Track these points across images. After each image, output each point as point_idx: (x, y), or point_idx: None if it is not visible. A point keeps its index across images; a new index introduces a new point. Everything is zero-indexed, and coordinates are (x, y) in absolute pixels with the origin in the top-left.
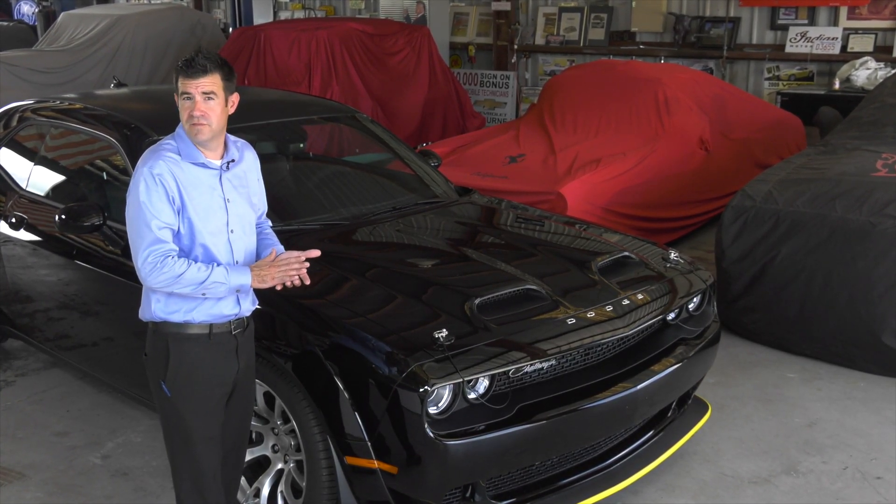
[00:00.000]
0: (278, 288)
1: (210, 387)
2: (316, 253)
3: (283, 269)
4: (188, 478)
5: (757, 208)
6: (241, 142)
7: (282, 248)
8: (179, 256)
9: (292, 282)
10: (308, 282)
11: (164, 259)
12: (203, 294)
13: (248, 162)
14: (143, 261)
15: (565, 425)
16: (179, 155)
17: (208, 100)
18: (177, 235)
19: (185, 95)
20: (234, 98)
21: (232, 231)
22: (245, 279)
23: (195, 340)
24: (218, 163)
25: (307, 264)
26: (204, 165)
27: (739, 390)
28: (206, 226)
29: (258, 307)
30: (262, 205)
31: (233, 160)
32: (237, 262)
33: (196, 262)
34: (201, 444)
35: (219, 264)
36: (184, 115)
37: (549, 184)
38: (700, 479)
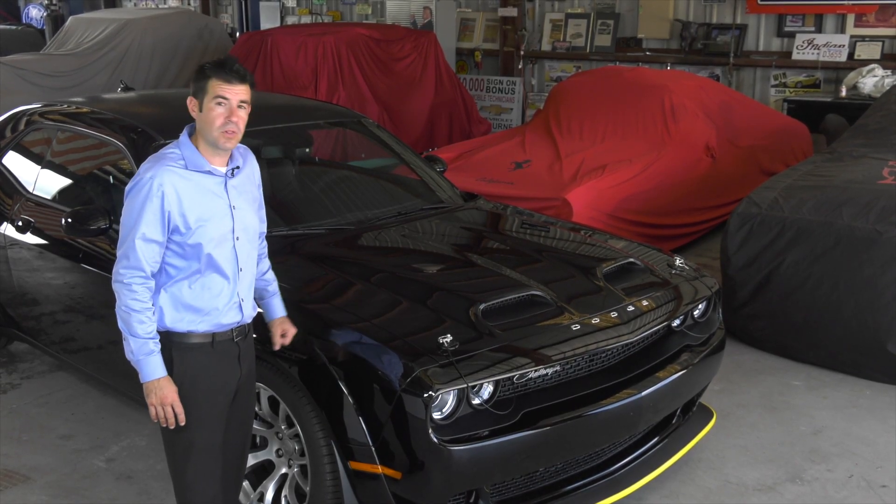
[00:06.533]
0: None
1: (213, 395)
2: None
3: (160, 413)
4: (189, 486)
5: (763, 215)
6: (242, 147)
7: (281, 306)
8: (191, 269)
9: (165, 419)
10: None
11: (131, 286)
12: (122, 331)
13: (251, 168)
14: (116, 270)
15: (569, 431)
16: (184, 163)
17: (241, 108)
18: (181, 245)
19: (220, 99)
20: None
21: (237, 238)
22: (145, 373)
23: (198, 349)
24: (223, 170)
25: (173, 425)
26: (210, 173)
27: (744, 398)
28: (211, 233)
29: (260, 311)
30: (262, 222)
31: (237, 167)
32: (241, 270)
33: (153, 313)
34: (203, 452)
35: (153, 339)
36: (216, 121)
37: (554, 190)
38: (705, 487)
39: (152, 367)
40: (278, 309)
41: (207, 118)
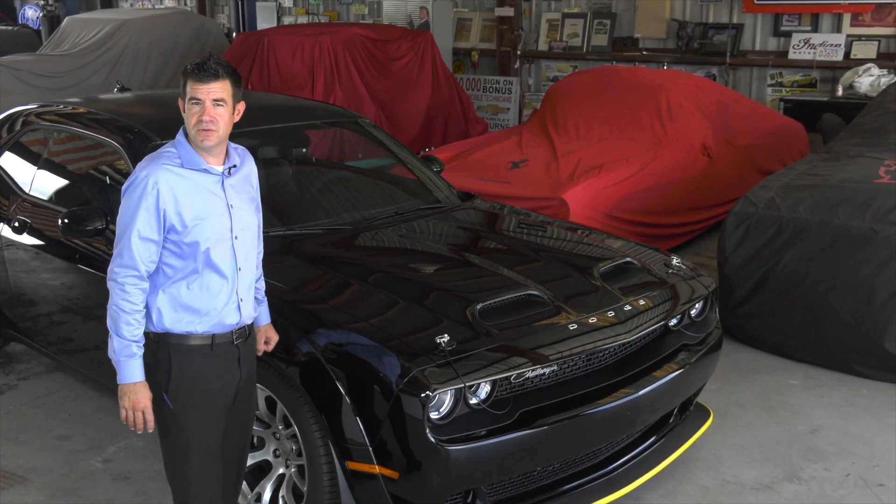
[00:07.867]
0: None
1: (212, 397)
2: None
3: (130, 417)
4: (187, 488)
5: (759, 215)
6: (240, 148)
7: (266, 314)
8: (188, 269)
9: (133, 423)
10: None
11: (124, 286)
12: (109, 329)
13: (248, 168)
14: (111, 269)
15: (567, 431)
16: (181, 161)
17: (217, 106)
18: (177, 244)
19: (194, 100)
20: (241, 106)
21: (236, 237)
22: (123, 375)
23: (197, 351)
24: (220, 168)
25: (141, 430)
26: (206, 171)
27: (741, 397)
28: (208, 232)
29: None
30: (259, 232)
31: (234, 165)
32: (240, 269)
33: (143, 316)
34: (201, 454)
35: (137, 343)
36: (191, 120)
37: (551, 189)
38: (702, 486)
39: (131, 370)
40: (263, 317)
41: (187, 118)
